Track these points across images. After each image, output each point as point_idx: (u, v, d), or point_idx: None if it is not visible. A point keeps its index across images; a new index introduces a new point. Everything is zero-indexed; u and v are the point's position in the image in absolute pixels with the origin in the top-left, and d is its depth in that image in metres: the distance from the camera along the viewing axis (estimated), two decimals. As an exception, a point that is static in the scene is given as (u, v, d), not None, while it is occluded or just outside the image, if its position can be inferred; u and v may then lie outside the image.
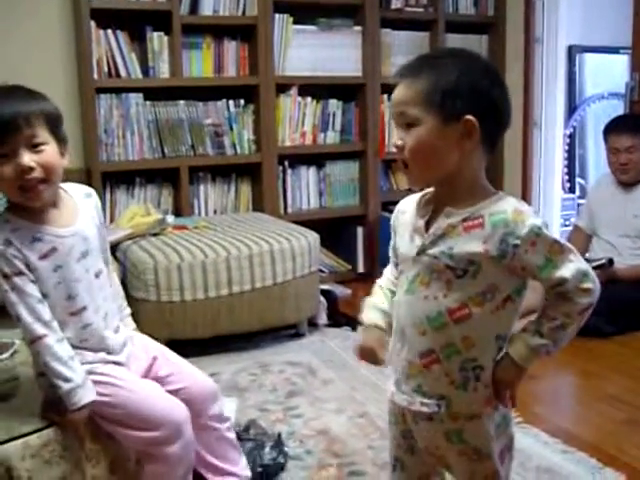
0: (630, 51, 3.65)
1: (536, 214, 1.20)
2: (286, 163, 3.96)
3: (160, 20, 3.53)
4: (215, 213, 3.85)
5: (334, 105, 4.05)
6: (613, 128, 3.40)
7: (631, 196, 3.37)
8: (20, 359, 1.88)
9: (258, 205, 3.90)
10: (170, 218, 3.35)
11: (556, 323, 1.20)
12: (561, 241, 1.20)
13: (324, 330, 3.23)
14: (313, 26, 3.91)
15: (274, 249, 2.98)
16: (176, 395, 1.67)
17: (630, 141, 3.30)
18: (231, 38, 3.76)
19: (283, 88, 3.87)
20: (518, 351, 1.23)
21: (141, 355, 1.72)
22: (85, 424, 1.56)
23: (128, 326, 1.81)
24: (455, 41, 4.21)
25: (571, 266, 1.18)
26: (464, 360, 1.23)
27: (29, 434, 1.52)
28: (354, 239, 4.13)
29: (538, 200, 4.31)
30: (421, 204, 1.29)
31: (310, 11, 3.89)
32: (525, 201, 1.24)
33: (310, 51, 3.90)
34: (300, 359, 2.88)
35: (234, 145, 3.81)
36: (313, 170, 4.08)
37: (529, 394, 2.47)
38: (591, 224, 3.54)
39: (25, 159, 1.45)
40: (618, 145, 3.33)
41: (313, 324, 3.24)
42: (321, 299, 3.29)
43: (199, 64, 3.69)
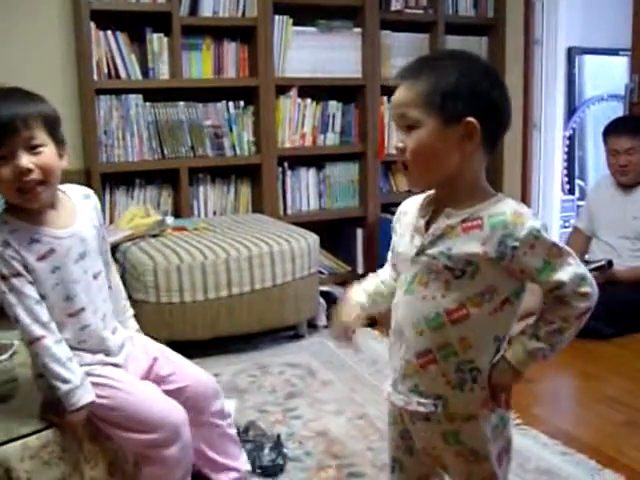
0: (629, 53, 3.66)
1: (535, 216, 1.20)
2: (286, 164, 3.96)
3: (160, 21, 3.53)
4: (215, 214, 3.85)
5: (334, 107, 4.05)
6: (613, 130, 3.40)
7: (630, 198, 3.37)
8: (19, 360, 1.88)
9: (258, 206, 3.90)
10: (170, 219, 3.35)
11: (553, 327, 1.20)
12: (560, 244, 1.19)
13: (323, 331, 3.22)
14: (313, 27, 3.91)
15: (274, 250, 2.98)
16: (179, 393, 1.68)
17: (630, 143, 3.30)
18: (231, 39, 3.76)
19: (283, 89, 3.87)
20: (515, 355, 1.23)
21: (141, 356, 1.72)
22: (84, 425, 1.56)
23: (131, 327, 1.81)
24: (455, 43, 4.21)
25: (569, 270, 1.18)
26: (461, 361, 1.23)
27: (28, 435, 1.52)
28: (354, 241, 4.13)
29: (537, 202, 4.31)
30: (423, 205, 1.29)
31: (310, 13, 3.89)
32: (524, 203, 1.24)
33: (310, 52, 3.90)
34: (299, 360, 2.88)
35: (234, 146, 3.80)
36: (313, 171, 4.07)
37: (528, 395, 2.47)
38: (590, 226, 3.54)
39: (23, 161, 1.45)
40: (617, 147, 3.33)
41: (312, 325, 3.24)
42: (320, 300, 3.29)
43: (199, 65, 3.69)
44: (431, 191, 1.30)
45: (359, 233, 4.12)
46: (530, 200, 4.23)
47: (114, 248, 2.95)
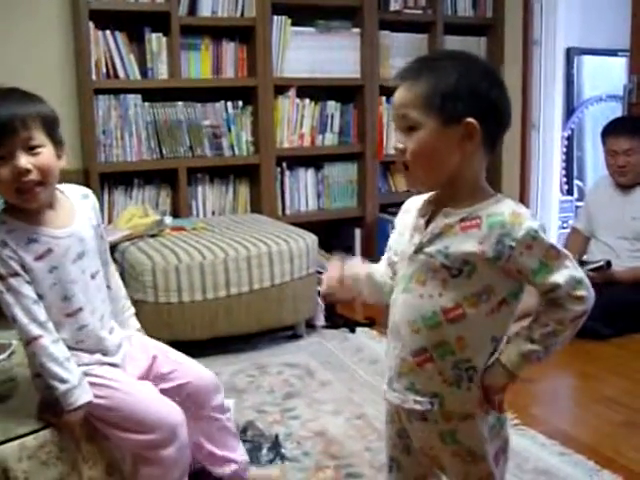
0: (628, 53, 3.66)
1: (533, 217, 1.20)
2: (284, 165, 3.96)
3: (158, 21, 3.53)
4: (213, 214, 3.85)
5: (332, 107, 4.05)
6: (611, 130, 3.40)
7: (629, 198, 3.37)
8: (17, 360, 1.88)
9: (256, 206, 3.90)
10: (168, 219, 3.35)
11: (548, 329, 1.19)
12: (557, 246, 1.19)
13: (322, 332, 3.22)
14: (311, 28, 3.91)
15: (272, 251, 2.98)
16: (181, 390, 1.69)
17: (628, 143, 3.30)
18: (229, 39, 3.76)
19: (281, 90, 3.88)
20: (509, 357, 1.22)
21: (139, 355, 1.72)
22: (81, 425, 1.56)
23: (132, 327, 1.81)
24: (453, 43, 4.21)
25: (565, 272, 1.17)
26: (458, 360, 1.23)
27: (26, 435, 1.52)
28: (352, 241, 4.13)
29: (536, 202, 4.31)
30: (424, 204, 1.30)
31: (308, 13, 3.90)
32: (523, 203, 1.24)
33: (308, 53, 3.90)
34: (298, 361, 2.87)
35: (232, 146, 3.80)
36: (311, 172, 4.07)
37: (527, 396, 2.47)
38: (589, 226, 3.54)
39: (22, 161, 1.45)
40: (616, 147, 3.33)
41: (311, 326, 3.24)
42: (319, 301, 3.28)
43: (197, 65, 3.69)
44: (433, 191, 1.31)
45: (357, 233, 4.12)
46: (528, 200, 4.24)
47: (112, 248, 2.94)
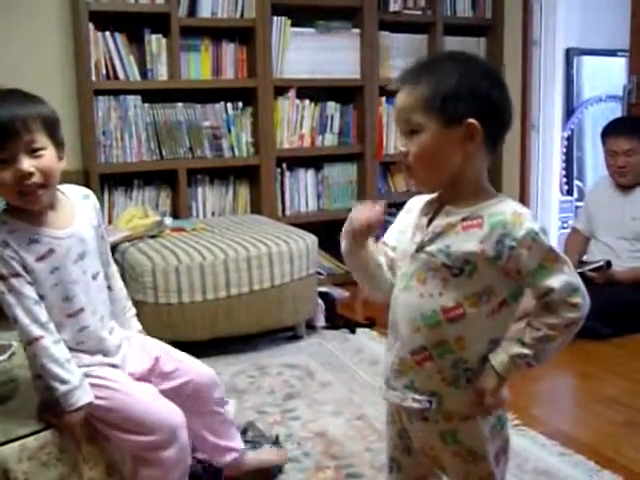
0: (628, 54, 3.66)
1: (535, 218, 1.20)
2: (284, 165, 3.96)
3: (158, 22, 3.53)
4: (213, 215, 3.85)
5: (332, 107, 4.06)
6: (611, 131, 3.40)
7: (629, 199, 3.37)
8: (17, 361, 1.88)
9: (256, 207, 3.90)
10: (168, 220, 3.35)
11: (539, 334, 1.19)
12: (557, 251, 1.19)
13: (322, 332, 3.22)
14: (311, 29, 3.91)
15: (272, 251, 2.98)
16: (184, 388, 1.70)
17: (628, 144, 3.30)
18: (229, 40, 3.76)
19: (281, 90, 3.88)
20: (499, 359, 1.22)
21: (140, 356, 1.72)
22: (82, 426, 1.55)
23: (133, 327, 1.82)
24: (453, 44, 4.21)
25: (562, 278, 1.17)
26: (457, 359, 1.24)
27: (26, 436, 1.52)
28: (352, 241, 4.12)
29: (536, 202, 4.31)
30: (426, 203, 1.30)
31: (308, 14, 3.90)
32: (523, 203, 1.24)
33: (308, 53, 3.90)
34: (298, 361, 2.88)
35: (232, 147, 3.81)
36: (311, 172, 4.08)
37: (527, 396, 2.47)
38: (589, 226, 3.54)
39: (25, 165, 1.45)
40: (616, 148, 3.33)
41: (311, 326, 3.24)
42: (319, 301, 3.28)
43: (197, 66, 3.69)
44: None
45: (358, 234, 4.11)
46: (528, 201, 4.24)
47: (112, 249, 2.94)
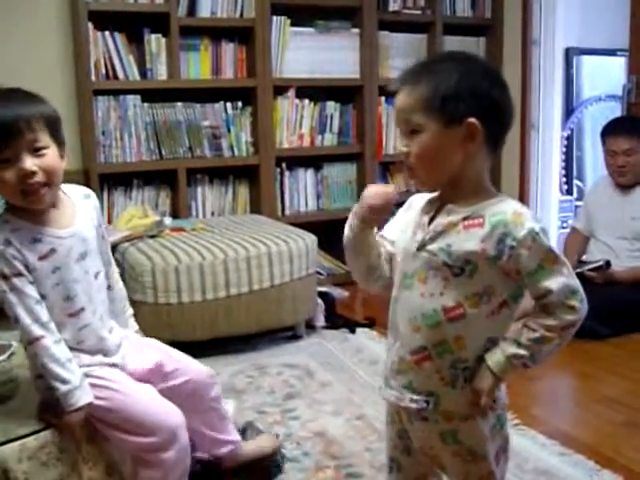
0: (627, 53, 3.66)
1: (536, 218, 1.20)
2: (284, 165, 3.96)
3: (158, 22, 3.53)
4: (213, 215, 3.85)
5: (332, 107, 4.06)
6: (610, 130, 3.40)
7: (629, 198, 3.37)
8: (17, 361, 1.88)
9: (256, 207, 3.90)
10: (168, 220, 3.34)
11: (535, 335, 1.19)
12: (557, 252, 1.19)
13: (322, 332, 3.22)
14: (311, 28, 3.91)
15: (272, 251, 2.98)
16: (184, 387, 1.71)
17: (628, 143, 3.30)
18: (229, 40, 3.76)
19: (281, 90, 3.88)
20: (495, 359, 1.22)
21: (141, 355, 1.72)
22: (82, 426, 1.55)
23: (131, 328, 1.82)
24: (452, 43, 4.22)
25: (560, 280, 1.17)
26: (456, 360, 1.24)
27: (26, 436, 1.52)
28: (352, 241, 4.12)
29: (535, 202, 4.31)
30: (428, 202, 1.30)
31: (308, 13, 3.90)
32: (522, 203, 1.24)
33: (308, 53, 3.90)
34: (298, 361, 2.87)
35: (232, 147, 3.81)
36: (311, 172, 4.08)
37: (527, 396, 2.47)
38: (588, 226, 3.54)
39: (27, 164, 1.45)
40: (615, 148, 3.33)
41: (311, 326, 3.24)
42: (318, 301, 3.28)
43: (197, 66, 3.69)
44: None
45: (357, 234, 4.11)
46: (528, 200, 4.24)
47: (112, 249, 2.94)
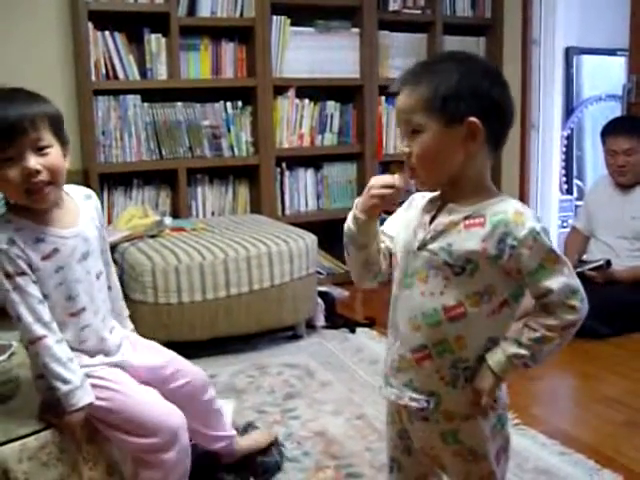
0: (627, 53, 3.66)
1: (537, 218, 1.20)
2: (284, 165, 3.96)
3: (158, 22, 3.53)
4: (213, 215, 3.85)
5: (332, 107, 4.06)
6: (611, 130, 3.40)
7: (629, 198, 3.37)
8: (18, 361, 1.88)
9: (256, 207, 3.90)
10: (168, 220, 3.34)
11: (536, 335, 1.19)
12: (558, 251, 1.19)
13: (322, 332, 3.22)
14: (311, 28, 3.91)
15: (272, 251, 2.98)
16: (181, 390, 1.72)
17: (628, 143, 3.30)
18: (229, 40, 3.76)
19: (281, 90, 3.88)
20: (496, 359, 1.22)
21: (142, 356, 1.72)
22: (82, 427, 1.55)
23: (128, 327, 1.82)
24: (452, 43, 4.22)
25: (561, 279, 1.17)
26: (456, 359, 1.23)
27: (26, 436, 1.52)
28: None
29: (536, 201, 4.31)
30: (429, 201, 1.30)
31: (308, 13, 3.90)
32: (522, 203, 1.24)
33: (308, 53, 3.90)
34: (298, 361, 2.87)
35: (232, 147, 3.81)
36: (311, 172, 4.08)
37: (527, 396, 2.47)
38: (589, 225, 3.54)
39: (31, 162, 1.45)
40: (616, 147, 3.33)
41: (311, 326, 3.24)
42: (319, 301, 3.28)
43: (197, 66, 3.69)
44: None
45: (357, 233, 4.11)
46: (528, 200, 4.24)
47: (112, 249, 2.94)
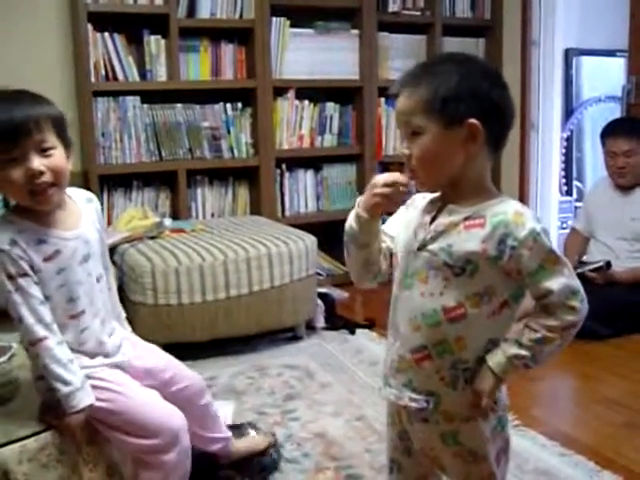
0: (627, 54, 3.66)
1: (537, 219, 1.20)
2: (283, 166, 3.96)
3: (157, 23, 3.53)
4: (212, 216, 3.85)
5: (331, 108, 4.06)
6: (610, 131, 3.40)
7: (628, 199, 3.37)
8: (18, 362, 1.88)
9: (256, 208, 3.90)
10: (168, 221, 3.35)
11: (537, 335, 1.19)
12: (558, 252, 1.19)
13: (322, 333, 3.22)
14: (310, 29, 3.91)
15: (272, 252, 2.98)
16: (179, 394, 1.72)
17: (627, 145, 3.30)
18: (228, 41, 3.76)
19: (280, 91, 3.88)
20: (496, 360, 1.22)
21: (142, 356, 1.72)
22: (82, 428, 1.55)
23: (125, 329, 1.82)
24: (452, 44, 4.22)
25: (561, 280, 1.17)
26: (456, 360, 1.23)
27: (26, 438, 1.51)
28: (351, 242, 4.12)
29: (535, 203, 4.31)
30: (430, 202, 1.30)
31: (307, 14, 3.90)
32: (522, 204, 1.24)
33: (307, 54, 3.90)
34: (298, 362, 2.87)
35: (231, 148, 3.81)
36: (310, 173, 4.08)
37: (527, 397, 2.47)
38: (588, 227, 3.54)
39: (35, 163, 1.45)
40: (615, 149, 3.33)
41: (311, 327, 3.24)
42: (318, 302, 3.28)
43: (196, 67, 3.69)
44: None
45: (357, 235, 4.11)
46: (528, 201, 4.24)
47: (112, 250, 2.95)
